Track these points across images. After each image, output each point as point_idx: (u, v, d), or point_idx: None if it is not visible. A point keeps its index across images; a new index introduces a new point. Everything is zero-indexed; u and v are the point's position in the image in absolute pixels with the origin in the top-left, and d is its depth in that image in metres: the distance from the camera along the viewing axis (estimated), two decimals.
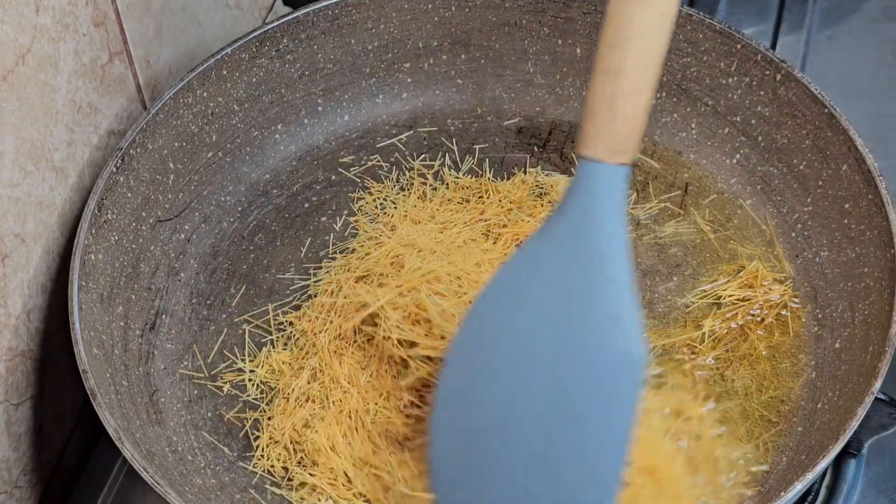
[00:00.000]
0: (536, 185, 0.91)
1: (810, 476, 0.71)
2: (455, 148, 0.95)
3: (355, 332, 0.82)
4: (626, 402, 0.66)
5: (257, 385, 0.83)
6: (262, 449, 0.79)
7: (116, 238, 0.83)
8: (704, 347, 0.82)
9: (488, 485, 0.69)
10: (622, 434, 0.66)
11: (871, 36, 1.05)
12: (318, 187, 0.93)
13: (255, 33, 0.91)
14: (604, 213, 0.65)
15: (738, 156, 0.91)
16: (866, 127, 0.85)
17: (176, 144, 0.88)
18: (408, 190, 0.92)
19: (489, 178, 0.92)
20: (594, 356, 0.66)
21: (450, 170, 0.93)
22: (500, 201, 0.90)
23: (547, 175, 0.92)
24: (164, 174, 0.88)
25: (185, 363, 0.84)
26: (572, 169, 0.93)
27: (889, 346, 0.74)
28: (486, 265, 0.83)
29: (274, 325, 0.85)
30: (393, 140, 0.96)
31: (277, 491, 0.78)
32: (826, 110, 0.85)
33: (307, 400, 0.80)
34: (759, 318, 0.83)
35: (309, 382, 0.81)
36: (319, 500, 0.77)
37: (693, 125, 0.93)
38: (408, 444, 0.77)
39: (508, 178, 0.92)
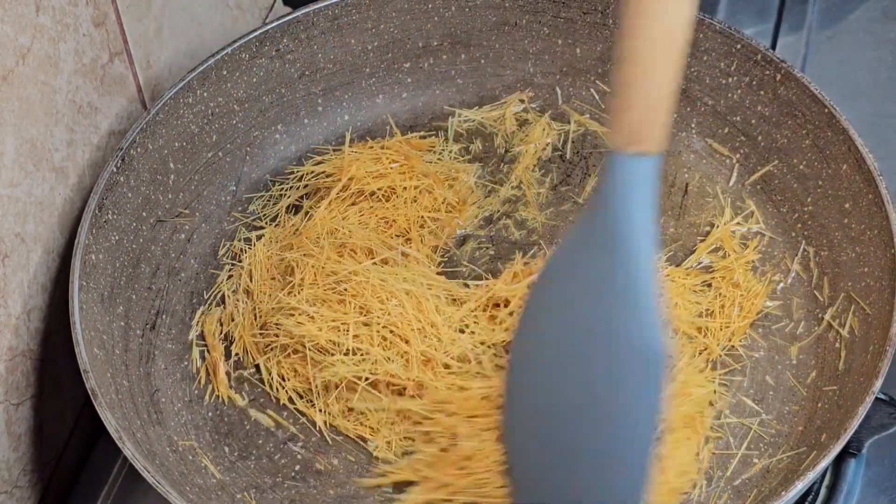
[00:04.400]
0: None
1: (811, 475, 0.71)
2: (455, 148, 0.95)
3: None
4: (650, 396, 0.66)
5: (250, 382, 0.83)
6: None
7: (117, 238, 0.83)
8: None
9: (546, 468, 0.71)
10: (647, 427, 0.67)
11: (871, 36, 1.05)
12: None
13: (255, 33, 0.91)
14: (627, 206, 0.63)
15: (738, 156, 0.91)
16: (866, 127, 0.85)
17: (176, 144, 0.88)
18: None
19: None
20: (620, 350, 0.66)
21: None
22: None
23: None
24: (164, 174, 0.88)
25: (186, 363, 0.84)
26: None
27: (890, 345, 0.74)
28: None
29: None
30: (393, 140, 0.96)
31: (280, 492, 0.78)
32: (826, 110, 0.85)
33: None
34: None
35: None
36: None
37: (693, 125, 0.93)
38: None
39: (506, 179, 0.92)
